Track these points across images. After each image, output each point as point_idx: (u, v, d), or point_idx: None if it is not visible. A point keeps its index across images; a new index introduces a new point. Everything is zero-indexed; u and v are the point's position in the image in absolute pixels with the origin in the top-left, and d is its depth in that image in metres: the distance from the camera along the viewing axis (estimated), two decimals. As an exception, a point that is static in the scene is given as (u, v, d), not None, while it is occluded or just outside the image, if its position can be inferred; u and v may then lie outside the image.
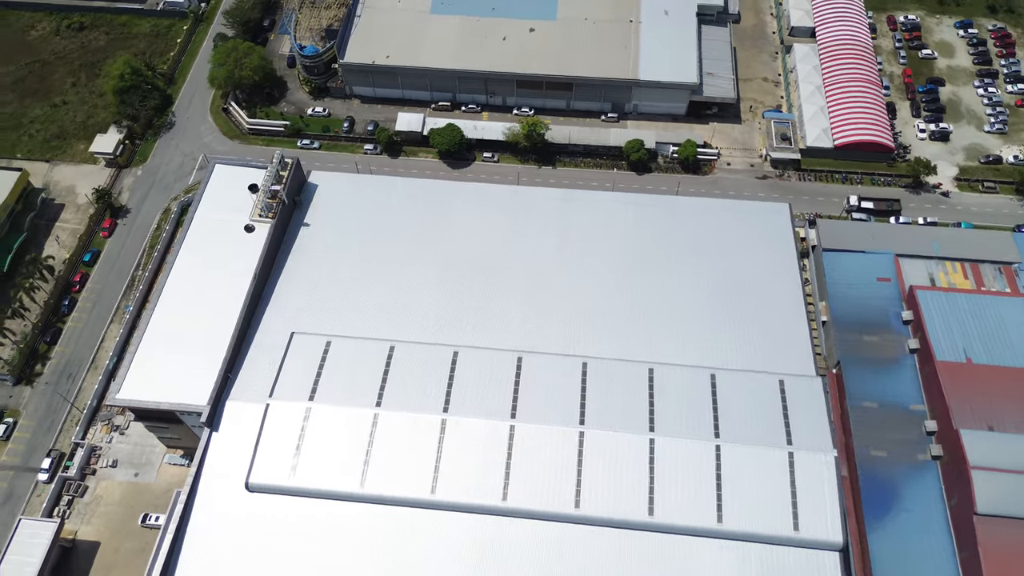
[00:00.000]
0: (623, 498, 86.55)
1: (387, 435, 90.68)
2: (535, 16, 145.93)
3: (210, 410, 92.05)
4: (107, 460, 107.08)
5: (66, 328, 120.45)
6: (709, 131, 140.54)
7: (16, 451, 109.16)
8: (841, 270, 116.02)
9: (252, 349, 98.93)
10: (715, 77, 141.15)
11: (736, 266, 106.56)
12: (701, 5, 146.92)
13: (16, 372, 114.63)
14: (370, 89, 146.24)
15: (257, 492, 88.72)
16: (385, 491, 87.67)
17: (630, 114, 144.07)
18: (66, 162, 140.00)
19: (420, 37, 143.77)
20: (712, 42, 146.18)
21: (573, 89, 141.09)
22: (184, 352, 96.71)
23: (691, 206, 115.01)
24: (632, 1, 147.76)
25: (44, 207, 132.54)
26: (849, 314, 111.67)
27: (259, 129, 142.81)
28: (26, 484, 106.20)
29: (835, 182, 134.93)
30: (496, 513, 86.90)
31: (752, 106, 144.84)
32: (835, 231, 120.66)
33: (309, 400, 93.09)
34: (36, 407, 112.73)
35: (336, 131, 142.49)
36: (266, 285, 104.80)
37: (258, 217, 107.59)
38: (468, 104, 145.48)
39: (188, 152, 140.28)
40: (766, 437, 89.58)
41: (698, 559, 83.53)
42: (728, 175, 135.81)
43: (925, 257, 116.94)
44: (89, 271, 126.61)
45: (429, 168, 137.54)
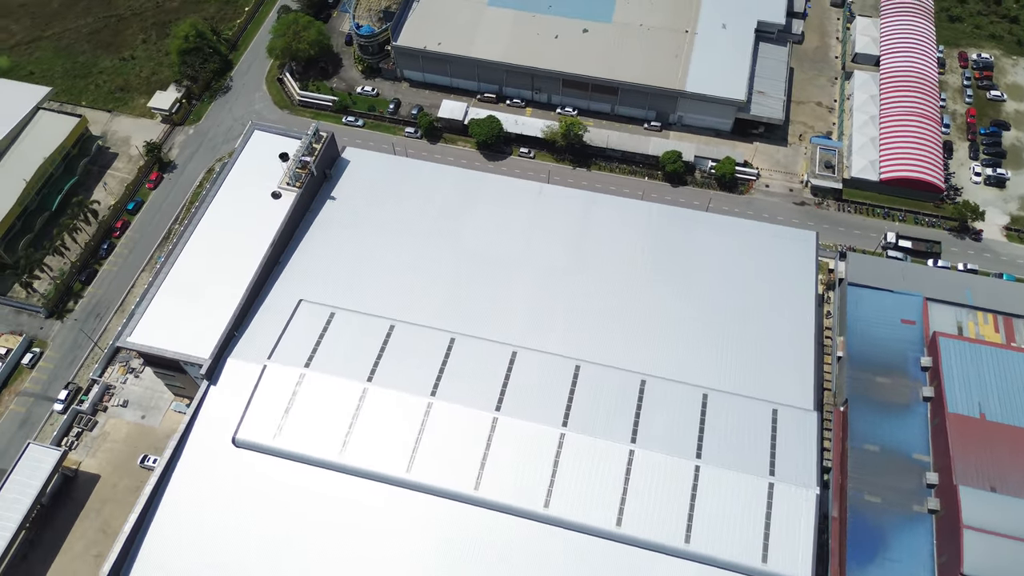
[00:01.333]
0: (594, 505, 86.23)
1: (373, 410, 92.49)
2: (591, 17, 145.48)
3: (211, 364, 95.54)
4: (119, 400, 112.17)
5: (101, 270, 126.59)
6: (751, 150, 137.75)
7: (38, 380, 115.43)
8: (864, 307, 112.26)
9: (261, 312, 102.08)
10: (765, 96, 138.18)
11: (751, 289, 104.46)
12: (761, 22, 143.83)
13: (50, 306, 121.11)
14: (420, 74, 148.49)
15: (242, 448, 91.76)
16: (362, 464, 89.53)
17: (674, 125, 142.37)
18: (126, 114, 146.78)
19: (474, 27, 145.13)
20: (768, 60, 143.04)
21: (618, 94, 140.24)
22: (196, 306, 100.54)
23: (716, 223, 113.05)
24: (691, 11, 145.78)
25: (98, 154, 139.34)
26: (866, 352, 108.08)
27: (308, 102, 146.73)
28: (42, 412, 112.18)
29: (875, 216, 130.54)
30: (467, 501, 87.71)
31: (802, 132, 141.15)
32: (864, 266, 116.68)
33: (304, 367, 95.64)
34: (63, 341, 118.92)
35: (381, 111, 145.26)
36: (284, 251, 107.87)
37: (286, 185, 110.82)
38: (513, 98, 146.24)
39: (239, 117, 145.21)
40: (748, 464, 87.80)
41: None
42: (764, 197, 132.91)
43: (957, 304, 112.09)
44: (131, 219, 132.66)
45: (465, 157, 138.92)
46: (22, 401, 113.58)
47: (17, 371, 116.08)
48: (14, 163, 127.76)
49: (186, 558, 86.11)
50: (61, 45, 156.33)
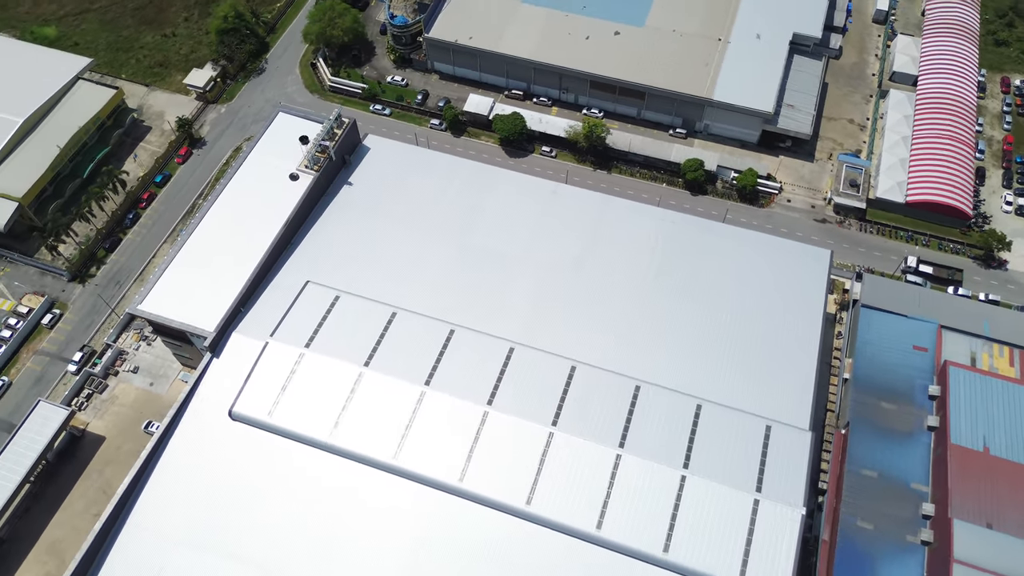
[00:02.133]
0: (575, 506, 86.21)
1: (367, 394, 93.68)
2: (623, 20, 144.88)
3: (215, 337, 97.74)
4: (130, 366, 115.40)
5: (125, 239, 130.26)
6: (776, 164, 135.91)
7: (56, 340, 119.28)
8: (876, 330, 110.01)
9: (269, 290, 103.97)
10: (794, 110, 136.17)
11: (757, 304, 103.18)
12: (797, 35, 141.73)
13: (73, 270, 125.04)
14: (450, 67, 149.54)
15: (238, 421, 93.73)
16: (352, 446, 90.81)
17: (700, 133, 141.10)
18: (162, 89, 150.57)
19: (506, 23, 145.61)
20: (801, 74, 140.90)
21: (645, 98, 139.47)
22: (207, 279, 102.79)
23: (728, 234, 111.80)
24: (726, 20, 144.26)
25: (132, 126, 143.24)
26: (873, 377, 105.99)
27: (339, 87, 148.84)
28: (57, 371, 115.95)
29: (898, 239, 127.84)
30: (451, 492, 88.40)
31: (831, 149, 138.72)
32: (880, 289, 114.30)
33: (305, 347, 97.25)
34: (82, 305, 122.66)
35: (409, 102, 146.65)
36: (297, 233, 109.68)
37: (304, 168, 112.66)
38: (541, 96, 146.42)
39: (270, 98, 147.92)
40: (735, 479, 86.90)
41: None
42: (785, 212, 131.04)
43: (973, 335, 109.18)
44: (157, 192, 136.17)
45: (487, 152, 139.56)
46: (38, 360, 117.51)
47: (37, 330, 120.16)
48: (50, 130, 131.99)
49: (175, 523, 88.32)
50: (107, 19, 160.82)
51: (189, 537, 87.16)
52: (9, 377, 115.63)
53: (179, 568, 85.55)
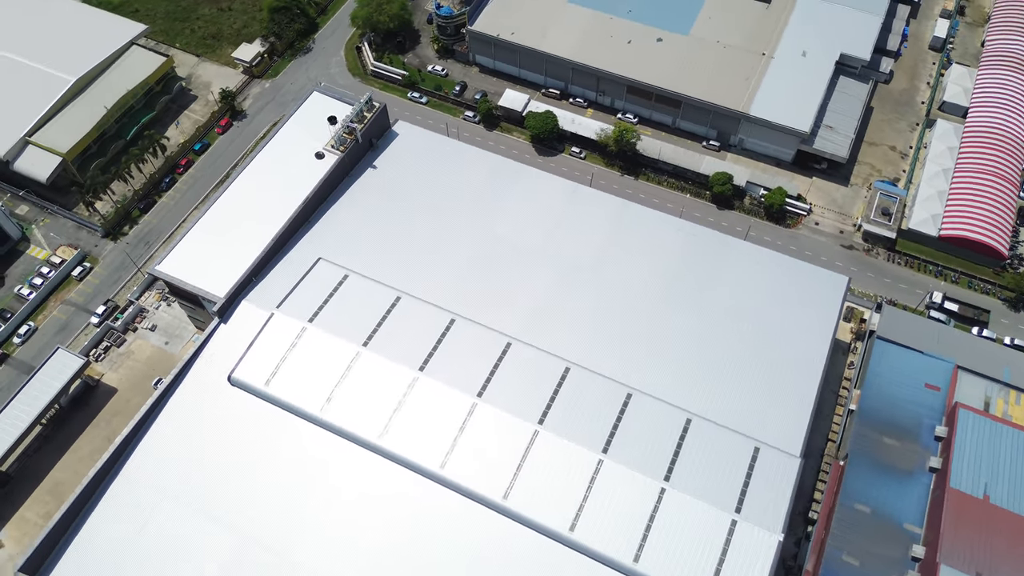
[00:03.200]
0: (552, 506, 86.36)
1: (362, 374, 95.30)
2: (668, 27, 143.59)
3: (224, 303, 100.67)
4: (149, 324, 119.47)
5: (159, 202, 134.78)
6: (807, 185, 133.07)
7: (83, 292, 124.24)
8: (889, 364, 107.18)
9: (283, 263, 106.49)
10: (833, 132, 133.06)
11: (765, 324, 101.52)
12: (845, 55, 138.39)
13: (107, 227, 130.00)
14: (491, 60, 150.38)
15: (236, 387, 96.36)
16: (340, 423, 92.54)
17: (734, 147, 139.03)
18: (212, 61, 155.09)
19: (550, 22, 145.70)
20: (845, 95, 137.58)
21: (681, 107, 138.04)
22: (225, 247, 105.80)
23: (746, 252, 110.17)
24: (773, 34, 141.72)
25: (179, 94, 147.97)
26: (879, 411, 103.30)
27: (380, 73, 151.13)
28: (80, 322, 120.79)
29: (926, 273, 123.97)
30: (431, 478, 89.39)
31: (868, 175, 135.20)
32: (899, 322, 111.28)
33: (308, 321, 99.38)
34: (112, 261, 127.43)
35: (446, 92, 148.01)
36: (317, 210, 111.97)
37: (330, 148, 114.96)
38: (577, 97, 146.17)
39: (313, 78, 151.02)
40: (716, 497, 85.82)
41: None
42: (811, 235, 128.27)
43: (990, 379, 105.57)
44: (195, 159, 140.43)
45: (516, 148, 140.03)
46: (64, 309, 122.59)
47: (67, 281, 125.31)
48: (100, 91, 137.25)
49: (165, 479, 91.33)
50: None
51: (176, 495, 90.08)
52: (36, 323, 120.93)
53: (162, 524, 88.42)
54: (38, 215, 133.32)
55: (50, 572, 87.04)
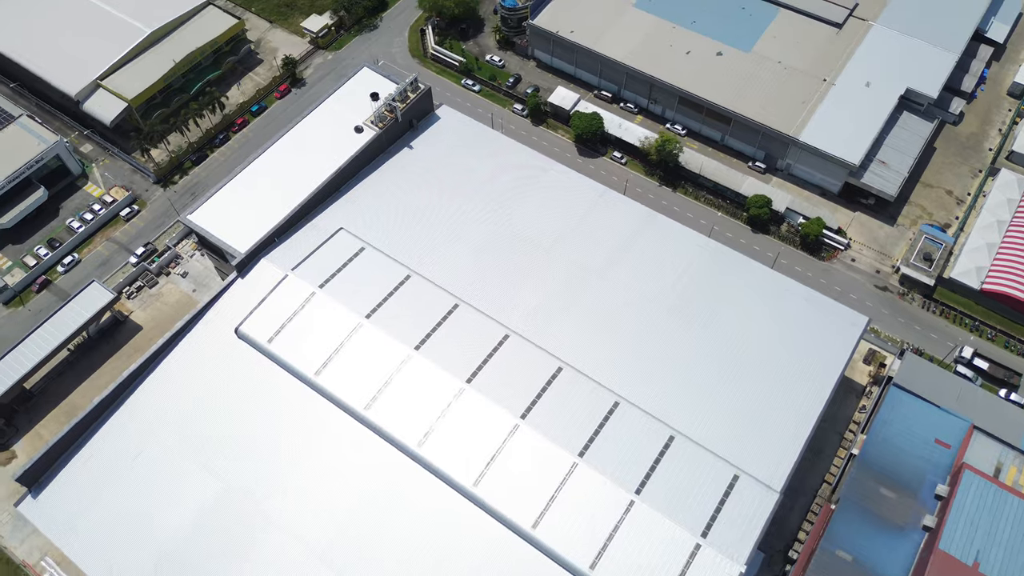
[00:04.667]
0: (519, 500, 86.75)
1: (359, 345, 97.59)
2: (730, 42, 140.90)
3: (243, 258, 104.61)
4: (181, 270, 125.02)
5: (211, 156, 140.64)
6: (850, 219, 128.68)
7: (127, 232, 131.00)
8: (900, 413, 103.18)
9: (307, 228, 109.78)
10: (885, 168, 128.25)
11: (772, 354, 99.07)
12: (910, 90, 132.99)
13: (159, 174, 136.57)
14: (548, 56, 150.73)
15: (241, 340, 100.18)
16: (331, 389, 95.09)
17: (780, 171, 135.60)
18: (282, 28, 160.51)
19: (611, 24, 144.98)
20: (905, 132, 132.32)
21: (731, 125, 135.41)
22: (254, 205, 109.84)
23: (766, 278, 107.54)
24: (838, 61, 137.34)
25: (245, 56, 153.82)
26: (881, 459, 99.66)
27: (439, 57, 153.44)
28: (120, 260, 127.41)
29: (961, 326, 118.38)
30: (409, 455, 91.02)
31: (917, 217, 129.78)
32: (919, 372, 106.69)
33: (319, 287, 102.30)
34: (158, 207, 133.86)
35: (500, 83, 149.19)
36: (348, 182, 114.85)
37: (369, 123, 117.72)
38: (629, 102, 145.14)
39: (374, 55, 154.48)
40: (684, 518, 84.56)
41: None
42: (845, 271, 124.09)
43: (1007, 444, 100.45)
44: (251, 120, 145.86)
45: (559, 147, 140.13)
46: (108, 246, 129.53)
47: (114, 220, 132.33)
48: (172, 45, 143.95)
49: (163, 417, 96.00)
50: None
51: (171, 432, 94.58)
52: (80, 255, 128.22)
53: (154, 458, 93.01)
54: (99, 155, 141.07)
55: (46, 486, 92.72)
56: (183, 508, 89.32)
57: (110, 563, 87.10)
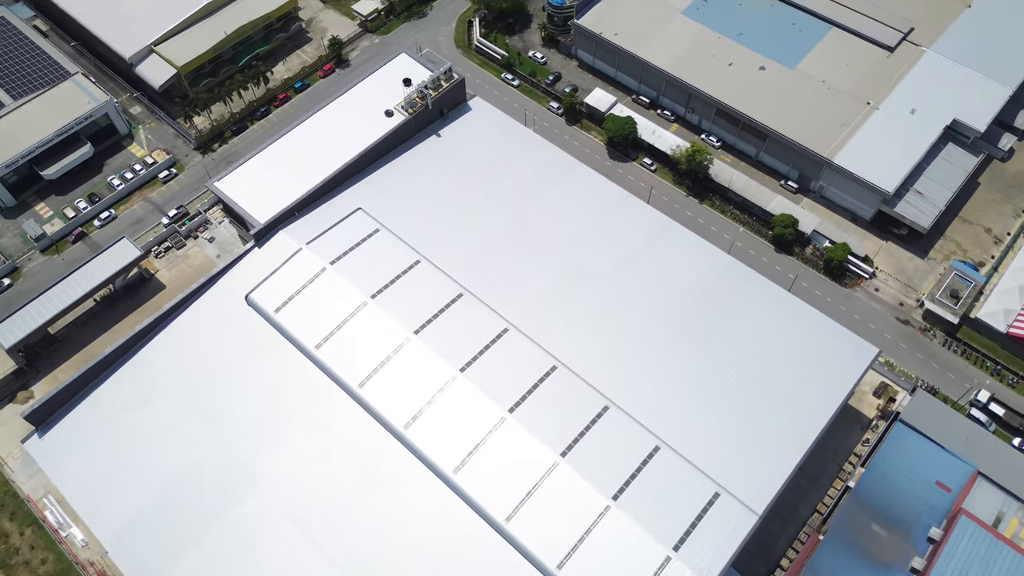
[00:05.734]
0: (496, 492, 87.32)
1: (361, 323, 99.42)
2: (775, 57, 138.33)
3: (262, 228, 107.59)
4: (209, 235, 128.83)
5: (251, 128, 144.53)
6: (878, 247, 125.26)
7: (163, 194, 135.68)
8: (904, 451, 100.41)
9: (327, 205, 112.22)
10: (921, 198, 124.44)
11: (773, 376, 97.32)
12: (957, 121, 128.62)
13: (200, 141, 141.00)
14: (591, 57, 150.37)
15: (250, 307, 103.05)
16: (329, 363, 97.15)
17: (813, 192, 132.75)
18: (334, 9, 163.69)
19: (657, 30, 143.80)
20: (947, 164, 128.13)
21: (766, 141, 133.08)
22: (279, 178, 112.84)
23: (779, 300, 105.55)
24: (885, 85, 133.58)
25: (295, 34, 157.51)
26: (877, 495, 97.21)
27: (482, 49, 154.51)
28: (153, 219, 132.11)
29: (981, 368, 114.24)
30: (395, 436, 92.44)
31: (951, 252, 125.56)
32: (928, 410, 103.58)
33: (330, 263, 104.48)
34: (195, 172, 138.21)
35: (539, 79, 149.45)
36: (373, 164, 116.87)
37: (399, 108, 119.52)
38: (666, 110, 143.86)
39: (420, 42, 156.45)
40: (658, 528, 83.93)
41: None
42: (867, 300, 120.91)
43: (1012, 495, 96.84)
44: (293, 96, 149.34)
45: (589, 147, 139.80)
46: (144, 206, 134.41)
47: (153, 181, 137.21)
48: (226, 17, 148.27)
49: (171, 369, 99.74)
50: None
51: (172, 389, 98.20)
52: (117, 212, 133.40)
53: (153, 411, 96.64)
54: (147, 118, 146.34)
55: (52, 427, 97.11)
56: (173, 461, 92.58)
57: (99, 505, 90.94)
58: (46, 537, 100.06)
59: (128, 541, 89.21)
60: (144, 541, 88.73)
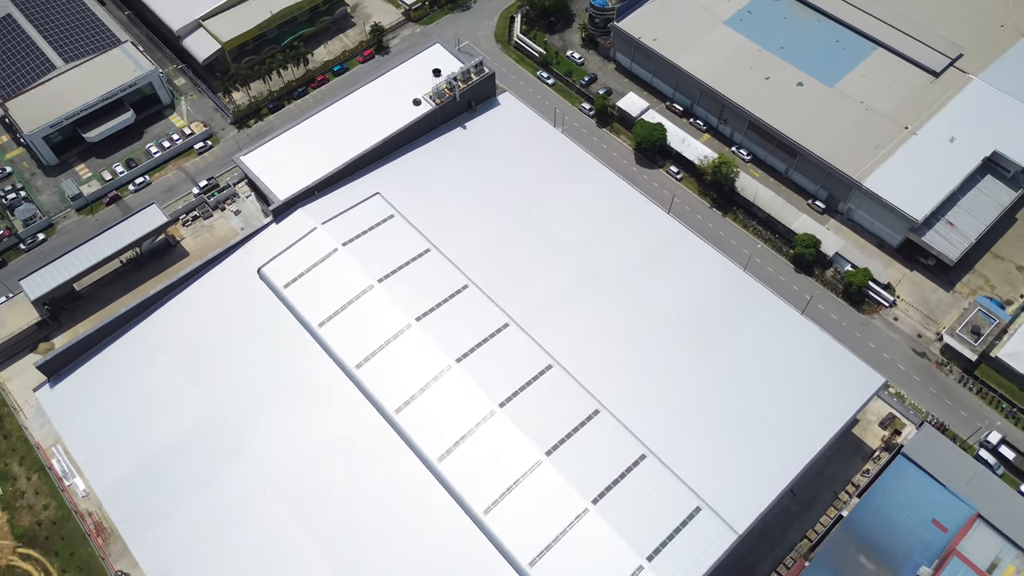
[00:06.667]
0: (479, 484, 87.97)
1: (365, 306, 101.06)
2: (814, 74, 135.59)
3: (280, 205, 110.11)
4: (236, 208, 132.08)
5: (287, 107, 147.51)
6: (902, 275, 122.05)
7: (197, 165, 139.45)
8: (902, 485, 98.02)
9: (347, 188, 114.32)
10: (951, 229, 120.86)
11: (771, 396, 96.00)
12: (997, 153, 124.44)
13: (237, 116, 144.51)
14: (628, 61, 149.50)
15: (261, 280, 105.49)
16: (329, 342, 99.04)
17: (841, 214, 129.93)
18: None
19: (697, 38, 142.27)
20: (983, 196, 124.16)
21: (797, 158, 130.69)
22: (304, 158, 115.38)
23: (788, 320, 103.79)
24: (925, 111, 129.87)
25: (340, 18, 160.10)
26: (869, 528, 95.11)
27: (521, 45, 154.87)
28: (184, 188, 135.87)
29: (996, 409, 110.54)
30: (386, 419, 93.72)
31: (979, 287, 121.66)
32: (933, 447, 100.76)
33: (342, 244, 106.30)
34: (229, 145, 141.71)
35: (574, 80, 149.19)
36: (397, 150, 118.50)
37: (427, 98, 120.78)
38: (699, 119, 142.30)
39: (460, 34, 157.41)
40: (635, 537, 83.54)
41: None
42: (884, 328, 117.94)
43: (1010, 541, 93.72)
44: (331, 79, 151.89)
45: (617, 151, 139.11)
46: (177, 174, 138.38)
47: (188, 151, 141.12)
48: None
49: (179, 333, 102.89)
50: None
51: (179, 352, 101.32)
52: (151, 178, 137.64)
53: (163, 369, 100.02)
54: (189, 90, 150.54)
55: (63, 379, 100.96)
56: (170, 424, 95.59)
57: (98, 457, 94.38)
58: (50, 484, 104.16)
59: (122, 494, 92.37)
60: (136, 495, 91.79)
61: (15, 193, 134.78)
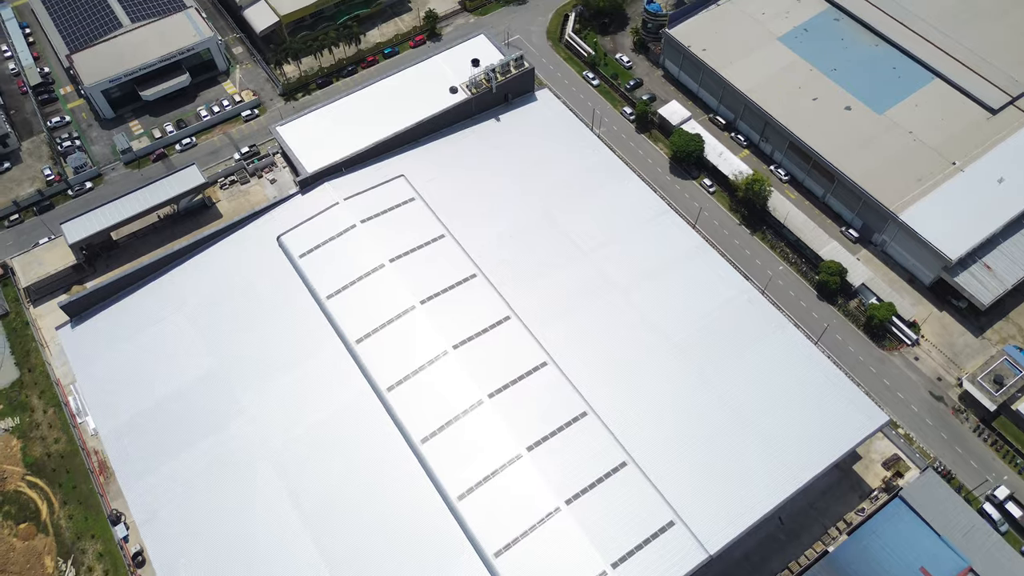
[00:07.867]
0: (455, 470, 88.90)
1: (373, 283, 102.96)
2: (864, 99, 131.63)
3: (308, 177, 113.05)
4: (272, 176, 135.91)
5: (335, 84, 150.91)
6: (928, 314, 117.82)
7: (242, 132, 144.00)
8: (895, 528, 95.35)
9: (375, 167, 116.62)
10: (989, 273, 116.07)
11: (768, 422, 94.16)
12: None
13: (286, 88, 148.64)
14: (676, 69, 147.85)
15: (280, 248, 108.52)
16: (334, 315, 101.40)
17: (874, 245, 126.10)
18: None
19: (748, 52, 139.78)
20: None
21: (834, 183, 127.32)
22: (336, 134, 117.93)
23: (796, 345, 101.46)
24: (977, 148, 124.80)
25: (396, 2, 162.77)
26: (853, 567, 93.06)
27: (570, 44, 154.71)
28: (227, 153, 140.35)
29: (1009, 464, 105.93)
30: (378, 396, 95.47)
31: (1011, 336, 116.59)
32: (933, 494, 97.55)
33: (360, 221, 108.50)
34: (274, 116, 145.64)
35: (619, 83, 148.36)
36: (429, 135, 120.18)
37: (464, 87, 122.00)
38: (741, 134, 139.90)
39: (512, 28, 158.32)
40: (602, 542, 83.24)
41: (460, 568, 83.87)
42: (902, 367, 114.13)
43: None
44: (380, 60, 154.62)
45: (652, 158, 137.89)
46: (222, 139, 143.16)
47: (235, 118, 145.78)
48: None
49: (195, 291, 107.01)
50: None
51: (193, 309, 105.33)
52: (198, 140, 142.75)
53: (173, 324, 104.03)
54: (245, 59, 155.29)
55: (84, 321, 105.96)
56: (174, 378, 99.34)
57: (105, 401, 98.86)
58: (64, 420, 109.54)
59: (123, 438, 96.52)
60: (135, 442, 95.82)
61: (71, 141, 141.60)
